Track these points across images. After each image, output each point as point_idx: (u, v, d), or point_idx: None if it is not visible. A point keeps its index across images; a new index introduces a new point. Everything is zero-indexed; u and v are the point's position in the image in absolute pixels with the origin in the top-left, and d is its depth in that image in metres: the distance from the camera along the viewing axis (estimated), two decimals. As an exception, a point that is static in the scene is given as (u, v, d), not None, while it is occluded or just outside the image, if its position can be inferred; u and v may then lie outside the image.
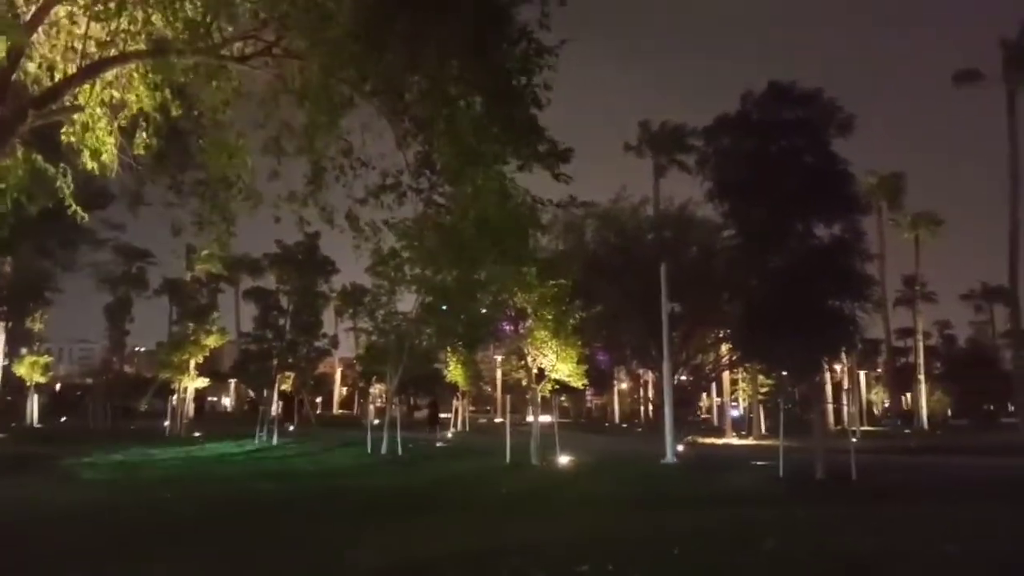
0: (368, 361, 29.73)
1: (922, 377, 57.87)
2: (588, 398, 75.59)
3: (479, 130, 7.20)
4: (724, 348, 34.00)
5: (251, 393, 59.42)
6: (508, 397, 28.34)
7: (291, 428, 42.83)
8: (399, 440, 24.26)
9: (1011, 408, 70.34)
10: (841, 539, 8.49)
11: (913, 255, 60.37)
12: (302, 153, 8.31)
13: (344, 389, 78.28)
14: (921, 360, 59.73)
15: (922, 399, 57.58)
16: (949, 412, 68.60)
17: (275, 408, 35.53)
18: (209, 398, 67.74)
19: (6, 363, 40.73)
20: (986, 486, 14.84)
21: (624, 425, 61.10)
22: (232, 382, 66.10)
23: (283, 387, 47.90)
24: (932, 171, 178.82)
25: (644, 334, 30.11)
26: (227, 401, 76.63)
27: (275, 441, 29.20)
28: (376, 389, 52.60)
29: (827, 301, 16.72)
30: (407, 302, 26.45)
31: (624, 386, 69.68)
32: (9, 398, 47.50)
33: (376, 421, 29.95)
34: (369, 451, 24.32)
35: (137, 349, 77.34)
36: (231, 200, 8.87)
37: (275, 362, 40.96)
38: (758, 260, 17.35)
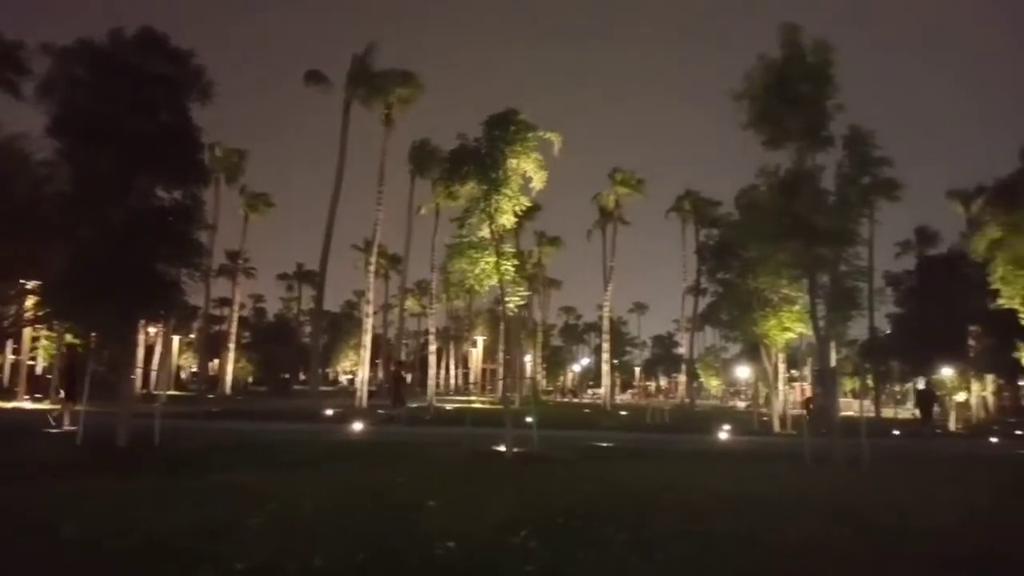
0: None
1: (232, 345, 61.71)
2: None
3: None
4: (30, 301, 29.95)
5: None
6: None
7: None
8: None
9: (302, 376, 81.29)
10: (155, 515, 8.15)
11: (241, 230, 63.92)
12: None
13: None
14: (234, 329, 63.66)
15: (229, 365, 61.34)
16: (251, 379, 74.90)
17: None
18: None
19: None
20: (283, 451, 16.49)
21: None
22: None
23: None
24: (275, 156, 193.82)
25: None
26: None
27: None
28: None
29: (157, 264, 16.39)
30: None
31: None
32: None
33: None
34: None
35: None
36: None
37: None
38: (93, 212, 15.97)
